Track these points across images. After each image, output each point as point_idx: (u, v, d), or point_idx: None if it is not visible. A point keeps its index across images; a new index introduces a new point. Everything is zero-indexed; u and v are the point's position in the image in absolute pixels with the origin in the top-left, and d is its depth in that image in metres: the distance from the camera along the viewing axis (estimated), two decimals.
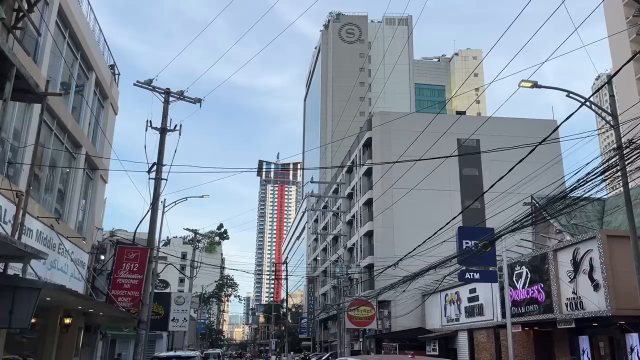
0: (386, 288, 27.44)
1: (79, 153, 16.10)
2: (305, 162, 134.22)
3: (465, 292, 31.64)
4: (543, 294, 22.20)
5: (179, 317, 37.19)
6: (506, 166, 40.29)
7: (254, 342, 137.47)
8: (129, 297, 19.46)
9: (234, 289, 73.22)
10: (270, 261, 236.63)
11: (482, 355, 29.33)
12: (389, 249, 39.32)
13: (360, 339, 42.22)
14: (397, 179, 38.86)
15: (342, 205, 48.06)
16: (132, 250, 20.18)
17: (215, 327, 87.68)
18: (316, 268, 68.62)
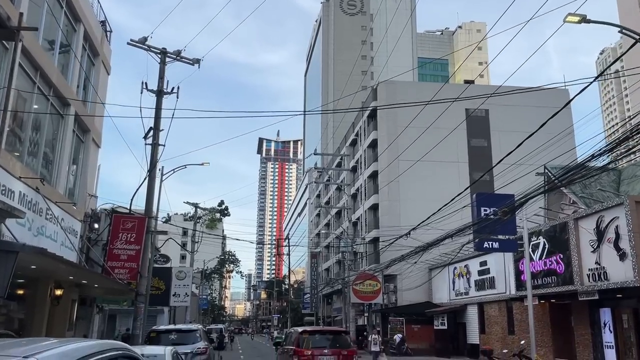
0: (396, 260, 26.37)
1: (68, 113, 14.78)
2: (306, 139, 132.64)
3: (476, 265, 30.63)
4: (562, 265, 21.10)
5: (181, 292, 36.29)
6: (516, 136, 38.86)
7: (256, 318, 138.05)
8: (126, 269, 18.39)
9: (236, 264, 72.55)
10: (272, 238, 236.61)
11: (493, 329, 28.43)
12: (395, 222, 38.19)
13: (366, 313, 41.41)
14: (403, 150, 37.54)
15: (346, 179, 46.85)
16: (129, 219, 19.04)
17: (217, 303, 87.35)
18: (319, 243, 67.77)
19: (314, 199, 72.97)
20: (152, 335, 12.64)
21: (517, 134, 39.46)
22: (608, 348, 19.71)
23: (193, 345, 12.33)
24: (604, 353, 19.86)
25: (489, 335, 28.98)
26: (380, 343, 22.17)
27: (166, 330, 12.92)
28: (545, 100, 42.56)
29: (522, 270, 24.08)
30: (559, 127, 30.32)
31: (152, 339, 12.44)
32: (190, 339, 12.48)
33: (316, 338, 14.63)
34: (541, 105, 41.69)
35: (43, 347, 3.08)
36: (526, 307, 24.85)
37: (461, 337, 32.87)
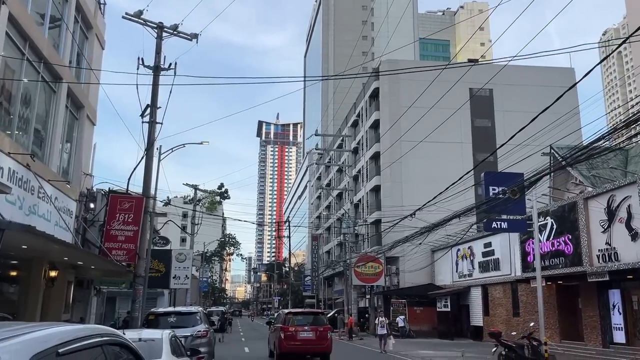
0: (400, 241, 25.92)
1: (59, 87, 14.12)
2: (306, 121, 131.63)
3: (480, 246, 30.22)
4: (571, 246, 20.63)
5: (181, 274, 35.92)
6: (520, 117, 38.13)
7: (257, 301, 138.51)
8: (124, 250, 17.86)
9: (236, 247, 72.22)
10: (271, 221, 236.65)
11: (498, 310, 28.11)
12: (397, 204, 37.69)
13: (367, 295, 41.16)
14: (406, 130, 36.87)
15: (348, 160, 46.24)
16: (126, 199, 18.46)
17: (217, 286, 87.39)
18: (319, 226, 67.40)
19: (314, 181, 72.45)
20: (150, 318, 12.16)
21: (521, 114, 38.81)
22: (617, 330, 19.33)
23: (193, 328, 11.85)
24: (613, 335, 19.50)
25: (492, 318, 28.68)
26: (387, 325, 21.43)
27: (165, 312, 12.42)
28: (550, 79, 41.80)
29: (528, 252, 23.65)
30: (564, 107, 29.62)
31: (151, 322, 11.97)
32: (190, 322, 12.00)
33: (299, 318, 17.68)
34: (546, 84, 40.93)
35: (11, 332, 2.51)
36: (532, 288, 24.49)
37: (464, 319, 32.60)
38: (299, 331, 16.83)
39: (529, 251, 23.58)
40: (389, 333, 20.90)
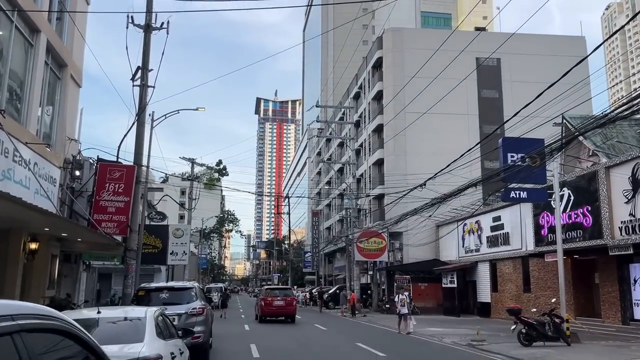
0: (407, 214, 24.73)
1: (37, 40, 12.69)
2: (305, 97, 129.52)
3: (488, 220, 29.10)
4: (590, 218, 19.46)
5: (178, 250, 34.85)
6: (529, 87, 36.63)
7: (256, 278, 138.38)
8: (114, 222, 16.64)
9: (235, 224, 71.28)
10: (270, 199, 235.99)
11: (507, 286, 27.12)
12: (401, 178, 36.46)
13: (370, 271, 40.24)
14: (410, 100, 35.45)
15: (350, 133, 44.83)
16: (116, 168, 17.18)
17: (217, 263, 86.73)
18: (320, 202, 66.31)
19: (314, 157, 71.11)
20: (140, 294, 10.98)
21: (530, 85, 37.51)
22: (638, 306, 18.29)
23: (187, 305, 10.68)
24: (633, 311, 18.46)
25: (501, 294, 27.72)
26: (409, 304, 19.46)
27: (156, 288, 11.21)
28: (560, 48, 40.23)
29: (542, 225, 22.52)
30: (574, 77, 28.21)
31: (140, 299, 10.80)
32: (184, 298, 10.82)
33: (274, 292, 26.63)
34: (556, 54, 39.37)
35: None
36: (545, 263, 23.46)
37: (471, 295, 31.67)
38: (274, 300, 25.00)
39: (543, 224, 22.44)
40: (411, 312, 19.06)
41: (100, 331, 5.38)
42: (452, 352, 14.04)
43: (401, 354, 13.27)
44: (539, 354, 12.75)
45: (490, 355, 13.27)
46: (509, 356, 12.77)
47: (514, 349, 13.84)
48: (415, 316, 30.75)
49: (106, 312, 5.75)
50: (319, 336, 18.19)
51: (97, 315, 5.57)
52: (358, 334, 19.32)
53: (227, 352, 13.40)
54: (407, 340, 17.01)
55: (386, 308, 33.40)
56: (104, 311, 5.74)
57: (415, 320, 19.23)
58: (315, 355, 12.98)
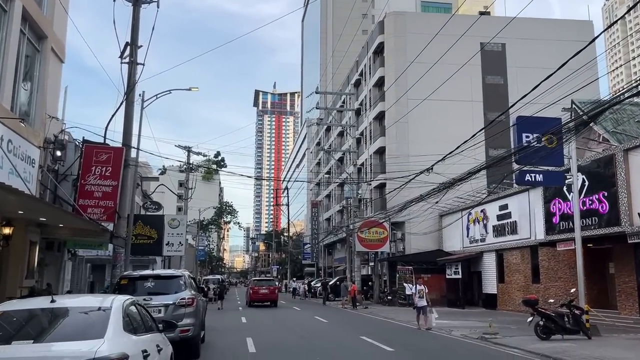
0: (413, 201, 23.63)
1: (11, 6, 11.55)
2: (304, 87, 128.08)
3: (494, 209, 28.04)
4: (606, 204, 18.41)
5: (174, 241, 33.75)
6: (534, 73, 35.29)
7: (255, 270, 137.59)
8: (101, 208, 15.60)
9: (233, 215, 70.21)
10: (269, 191, 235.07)
11: (514, 277, 26.11)
12: (403, 166, 35.37)
13: (371, 262, 39.25)
14: (412, 86, 34.26)
15: (350, 121, 43.64)
16: (103, 150, 16.11)
17: (215, 255, 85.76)
18: (319, 193, 65.24)
19: (313, 147, 69.97)
20: (122, 283, 9.91)
21: (535, 70, 36.22)
22: None
23: (175, 295, 9.61)
24: None
25: (508, 285, 26.72)
26: (427, 295, 17.00)
27: (141, 276, 10.13)
28: (567, 33, 39.05)
29: (554, 212, 21.48)
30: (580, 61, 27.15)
31: (123, 288, 9.73)
32: (171, 288, 9.76)
33: (260, 282, 32.92)
34: (563, 38, 38.21)
35: None
36: (556, 252, 22.44)
37: (475, 286, 30.69)
38: (260, 289, 31.15)
39: (554, 211, 21.39)
40: (429, 304, 16.99)
41: (52, 324, 4.31)
42: (464, 346, 13.01)
43: (410, 349, 12.25)
44: (559, 349, 11.73)
45: (507, 349, 12.25)
46: (527, 350, 11.74)
47: (531, 342, 12.83)
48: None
49: (63, 301, 4.69)
50: (320, 329, 17.18)
51: (50, 305, 4.50)
52: (361, 326, 18.31)
53: (221, 346, 12.36)
54: (413, 334, 15.99)
55: (388, 300, 32.42)
56: (60, 300, 4.67)
57: (436, 314, 17.53)
58: (316, 350, 11.93)
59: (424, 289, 16.91)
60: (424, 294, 16.66)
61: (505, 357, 11.16)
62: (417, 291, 16.85)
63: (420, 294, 16.68)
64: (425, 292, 16.74)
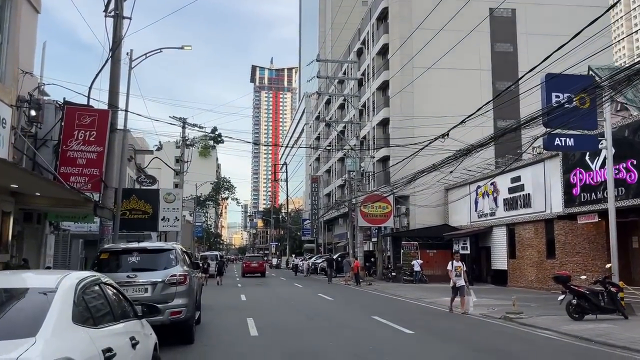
0: (424, 171, 22.16)
1: None
2: (302, 62, 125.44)
3: (506, 181, 26.66)
4: (635, 174, 17.03)
5: (170, 216, 32.31)
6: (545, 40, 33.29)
7: (253, 247, 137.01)
8: (85, 177, 14.16)
9: (231, 191, 68.79)
10: (267, 168, 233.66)
11: (527, 252, 24.88)
12: (408, 139, 33.86)
13: (374, 238, 38.04)
14: (417, 52, 32.54)
15: (353, 90, 41.89)
16: (87, 112, 14.58)
17: (213, 231, 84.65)
18: (319, 168, 63.80)
19: (312, 121, 68.26)
20: (102, 258, 8.50)
21: (546, 38, 34.51)
22: None
23: (165, 271, 8.23)
24: None
25: (520, 260, 25.51)
26: (465, 273, 14.73)
27: (124, 249, 8.70)
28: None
29: (574, 183, 20.09)
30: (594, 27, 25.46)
31: (103, 264, 8.35)
32: (160, 263, 8.36)
33: (252, 258, 43.14)
34: (575, 3, 36.38)
35: None
36: (576, 226, 21.11)
37: (484, 262, 29.53)
38: (251, 263, 39.45)
39: (574, 182, 20.00)
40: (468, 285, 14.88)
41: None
42: (490, 327, 11.73)
43: (432, 331, 10.96)
44: (599, 331, 10.45)
45: (537, 331, 10.98)
46: (563, 333, 10.46)
47: (563, 323, 11.56)
48: (423, 284, 28.89)
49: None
50: (326, 308, 15.92)
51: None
52: (370, 305, 17.07)
53: (218, 329, 11.05)
54: (428, 313, 14.74)
55: (392, 276, 31.28)
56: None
57: (475, 296, 15.29)
58: (326, 333, 10.63)
59: (462, 265, 14.82)
60: (461, 272, 14.48)
61: (542, 340, 9.87)
62: (454, 268, 14.55)
63: (457, 272, 14.44)
64: (463, 269, 14.66)
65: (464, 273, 14.59)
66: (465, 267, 14.97)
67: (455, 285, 14.31)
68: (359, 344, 9.14)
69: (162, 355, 7.14)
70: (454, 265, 14.59)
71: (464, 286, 14.37)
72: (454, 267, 14.50)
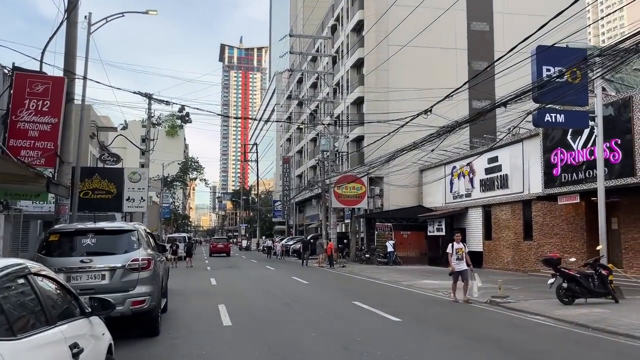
0: (403, 150, 21.37)
1: None
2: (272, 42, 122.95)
3: (482, 162, 26.20)
4: (619, 153, 16.65)
5: (135, 196, 30.96)
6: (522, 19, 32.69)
7: (222, 229, 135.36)
8: (38, 150, 12.84)
9: (199, 172, 67.00)
10: (236, 149, 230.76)
11: (503, 233, 24.58)
12: (383, 117, 33.08)
13: (347, 219, 37.40)
14: (394, 28, 31.62)
15: (327, 68, 40.74)
16: (39, 79, 13.15)
17: (180, 213, 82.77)
18: (290, 149, 62.64)
19: (283, 101, 66.82)
20: (51, 240, 7.34)
21: (523, 17, 34.10)
22: None
23: (125, 255, 7.16)
24: None
25: (496, 242, 25.23)
26: (467, 256, 12.86)
27: (77, 230, 7.55)
28: None
29: (555, 163, 19.67)
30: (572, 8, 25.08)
31: (53, 247, 7.22)
32: (119, 246, 7.28)
33: (218, 240, 50.04)
34: None
35: None
36: (555, 207, 20.80)
37: None
38: (217, 245, 45.01)
39: (555, 162, 19.58)
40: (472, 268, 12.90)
41: None
42: (477, 312, 11.10)
43: (418, 318, 10.23)
44: (594, 316, 9.92)
45: (529, 316, 10.39)
46: (556, 318, 9.89)
47: (554, 307, 11.01)
48: (397, 266, 28.38)
49: None
50: (303, 293, 15.08)
51: None
52: (348, 289, 16.32)
53: (187, 318, 10.06)
54: (409, 297, 14.08)
55: (366, 258, 30.72)
56: None
57: (479, 281, 13.35)
58: (306, 321, 9.78)
59: (464, 247, 12.98)
60: (463, 255, 12.70)
61: (539, 327, 9.25)
62: (455, 250, 12.71)
63: (458, 255, 12.66)
64: (465, 251, 12.92)
65: (466, 256, 12.84)
66: (467, 248, 13.32)
67: (454, 270, 12.57)
68: (344, 333, 8.31)
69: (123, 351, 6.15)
70: (454, 247, 12.79)
71: (467, 270, 12.62)
72: (455, 250, 12.73)
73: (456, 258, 12.62)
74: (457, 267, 12.55)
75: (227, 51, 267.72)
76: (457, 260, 12.61)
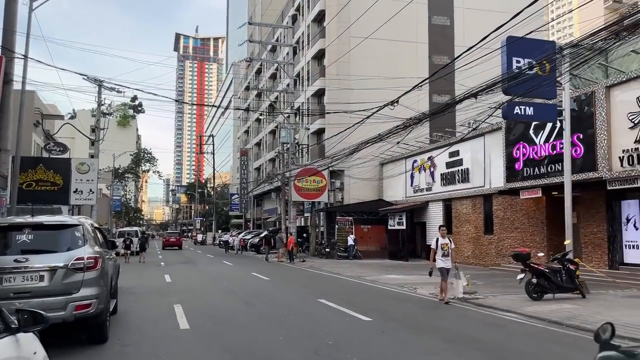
0: (368, 142, 20.89)
1: None
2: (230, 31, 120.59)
3: (443, 156, 26.15)
4: (580, 148, 16.72)
5: (83, 188, 29.38)
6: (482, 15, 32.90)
7: (176, 223, 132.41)
8: None
9: (152, 163, 64.82)
10: (191, 141, 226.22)
11: (464, 227, 24.60)
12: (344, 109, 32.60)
13: (307, 213, 36.83)
14: (355, 19, 31.19)
15: (286, 59, 39.87)
16: None
17: (132, 206, 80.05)
18: (248, 141, 61.46)
19: (241, 92, 65.44)
20: None
21: (484, 13, 34.39)
22: (630, 248, 16.05)
23: (68, 254, 6.31)
24: (623, 253, 16.24)
25: (456, 236, 25.16)
26: (453, 251, 11.73)
27: (11, 225, 6.60)
28: None
29: (517, 157, 19.69)
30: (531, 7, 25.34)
31: None
32: (61, 243, 6.41)
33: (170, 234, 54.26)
34: None
35: None
36: (513, 202, 20.90)
37: (419, 238, 29.16)
38: (170, 238, 48.53)
39: (517, 157, 19.61)
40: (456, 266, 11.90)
41: None
42: (447, 309, 10.73)
43: (388, 316, 9.73)
44: (564, 312, 9.72)
45: (500, 313, 10.10)
46: (528, 315, 9.63)
47: (524, 303, 10.79)
48: (357, 261, 28.04)
49: None
50: (265, 290, 14.38)
51: None
52: (311, 285, 15.74)
53: (140, 320, 9.21)
54: (377, 295, 13.63)
55: (326, 252, 30.28)
56: None
57: (465, 279, 11.91)
58: (271, 323, 9.11)
59: (450, 243, 11.62)
60: (449, 251, 11.48)
61: (513, 325, 8.93)
62: (440, 246, 11.46)
63: (444, 251, 11.42)
64: (451, 247, 11.58)
65: (452, 251, 11.63)
66: (453, 244, 11.89)
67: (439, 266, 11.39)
68: (314, 336, 7.71)
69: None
70: (439, 242, 11.55)
71: (450, 268, 11.44)
72: (440, 245, 11.52)
73: (442, 254, 11.47)
74: (444, 264, 11.42)
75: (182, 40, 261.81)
76: (442, 257, 11.46)
